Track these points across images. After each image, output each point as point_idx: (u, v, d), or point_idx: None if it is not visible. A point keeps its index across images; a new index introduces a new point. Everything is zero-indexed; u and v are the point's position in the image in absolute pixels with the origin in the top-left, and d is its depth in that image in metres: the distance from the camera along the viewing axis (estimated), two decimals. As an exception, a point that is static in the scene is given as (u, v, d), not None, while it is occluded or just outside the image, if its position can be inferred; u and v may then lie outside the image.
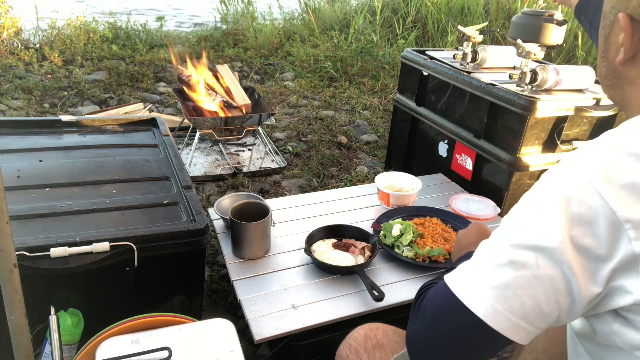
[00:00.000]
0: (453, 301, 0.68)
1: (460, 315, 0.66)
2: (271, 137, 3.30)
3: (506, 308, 0.64)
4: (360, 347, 1.00)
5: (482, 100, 2.05)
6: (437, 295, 0.72)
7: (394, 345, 0.98)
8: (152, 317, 1.08)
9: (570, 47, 4.40)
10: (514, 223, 0.66)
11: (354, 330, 1.06)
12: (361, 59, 4.75)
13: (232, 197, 1.84)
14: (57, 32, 4.85)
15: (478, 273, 0.67)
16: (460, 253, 1.06)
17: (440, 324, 0.70)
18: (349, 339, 1.04)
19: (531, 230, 0.63)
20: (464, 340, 0.69)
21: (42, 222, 1.34)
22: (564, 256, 0.60)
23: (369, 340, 1.01)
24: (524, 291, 0.63)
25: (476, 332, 0.66)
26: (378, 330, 1.02)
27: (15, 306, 0.89)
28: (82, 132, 1.94)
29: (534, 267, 0.62)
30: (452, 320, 0.68)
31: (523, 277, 0.62)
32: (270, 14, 6.11)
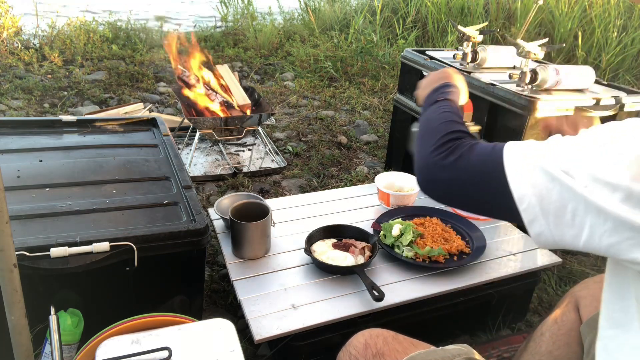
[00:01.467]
0: (498, 171, 0.70)
1: (498, 185, 0.70)
2: (271, 137, 3.30)
3: (539, 202, 0.66)
4: (360, 356, 1.00)
5: (482, 100, 2.05)
6: (488, 153, 0.74)
7: (394, 354, 0.97)
8: (152, 317, 1.08)
9: (570, 47, 4.40)
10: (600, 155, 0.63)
11: (354, 337, 1.05)
12: (361, 59, 4.75)
13: (232, 197, 1.84)
14: (57, 32, 4.85)
15: (536, 163, 0.67)
16: (425, 91, 1.09)
17: (476, 177, 0.74)
18: (348, 347, 1.03)
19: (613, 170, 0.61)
20: (485, 202, 0.75)
21: (42, 222, 1.34)
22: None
23: (369, 348, 1.00)
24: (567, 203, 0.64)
25: (501, 205, 0.70)
26: (378, 338, 1.01)
27: (15, 306, 0.89)
28: (82, 132, 1.94)
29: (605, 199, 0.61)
30: (486, 182, 0.73)
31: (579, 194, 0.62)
32: (270, 14, 6.11)
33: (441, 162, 0.81)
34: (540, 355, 1.10)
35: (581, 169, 0.63)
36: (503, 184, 0.70)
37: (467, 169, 0.77)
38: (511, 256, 1.70)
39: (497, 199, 0.72)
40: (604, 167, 0.61)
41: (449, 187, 0.80)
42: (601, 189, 0.60)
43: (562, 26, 4.40)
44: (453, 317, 1.65)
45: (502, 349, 1.68)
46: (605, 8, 4.32)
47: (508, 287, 1.66)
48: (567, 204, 0.64)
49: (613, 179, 0.60)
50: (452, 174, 0.79)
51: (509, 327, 1.80)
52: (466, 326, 1.74)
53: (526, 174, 0.68)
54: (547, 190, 0.65)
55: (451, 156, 0.80)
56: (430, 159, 0.83)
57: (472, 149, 0.79)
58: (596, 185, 0.61)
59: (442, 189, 0.82)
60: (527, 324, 1.84)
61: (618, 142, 0.61)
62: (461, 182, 0.78)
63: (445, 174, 0.80)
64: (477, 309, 1.69)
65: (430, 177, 0.84)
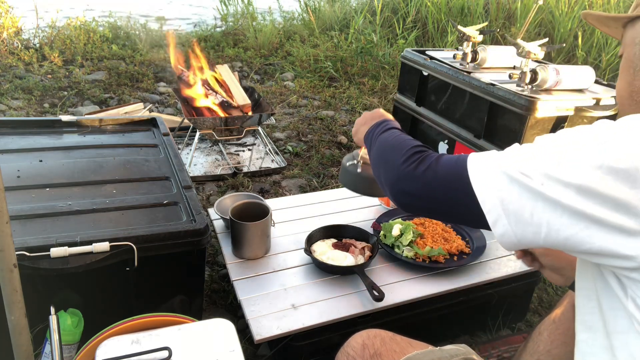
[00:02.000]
0: (464, 178, 0.75)
1: (464, 192, 0.75)
2: (271, 137, 3.30)
3: (500, 203, 0.70)
4: (357, 357, 1.00)
5: (482, 100, 2.05)
6: (454, 162, 0.79)
7: (391, 354, 0.98)
8: (152, 317, 1.08)
9: (570, 47, 4.40)
10: (555, 155, 0.68)
11: (352, 338, 1.05)
12: (361, 59, 4.75)
13: (232, 197, 1.84)
14: (57, 32, 4.85)
15: (498, 166, 0.72)
16: (365, 128, 1.15)
17: (444, 185, 0.80)
18: (346, 348, 1.04)
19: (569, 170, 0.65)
20: (453, 208, 0.80)
21: (42, 222, 1.34)
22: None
23: (366, 349, 1.00)
24: (528, 203, 0.68)
25: (468, 210, 0.75)
26: (376, 338, 1.02)
27: (15, 306, 0.89)
28: (82, 132, 1.94)
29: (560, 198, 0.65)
30: (454, 189, 0.78)
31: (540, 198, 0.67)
32: (270, 14, 6.10)
33: (412, 173, 0.84)
34: (538, 354, 1.10)
35: (537, 170, 0.67)
36: (468, 190, 0.74)
37: (436, 178, 0.81)
38: (511, 256, 1.70)
39: (464, 205, 0.76)
40: (557, 166, 0.66)
41: (420, 196, 0.84)
42: (555, 185, 0.65)
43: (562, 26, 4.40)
44: (453, 317, 1.65)
45: (502, 349, 1.68)
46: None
47: (508, 287, 1.66)
48: (525, 203, 0.68)
49: (565, 176, 0.65)
50: (423, 184, 0.83)
51: (509, 327, 1.80)
52: (466, 326, 1.74)
53: (488, 178, 0.73)
54: (508, 191, 0.70)
55: (420, 166, 0.84)
56: (401, 171, 0.86)
57: (438, 160, 0.83)
58: (551, 183, 0.66)
59: (414, 199, 0.85)
60: (527, 324, 1.84)
61: (571, 147, 0.67)
62: (431, 191, 0.82)
63: (416, 184, 0.84)
64: (477, 309, 1.69)
65: (402, 189, 0.87)
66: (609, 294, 0.70)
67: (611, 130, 0.65)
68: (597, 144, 0.64)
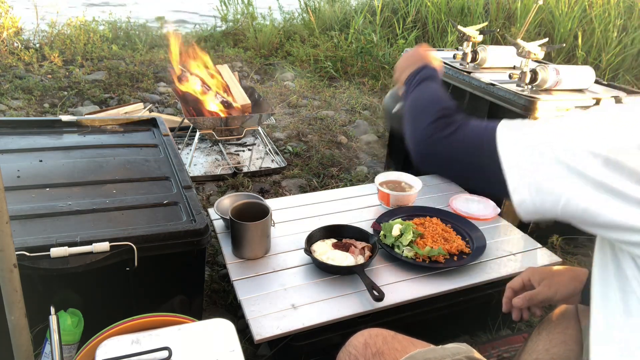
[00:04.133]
0: (491, 144, 0.76)
1: (490, 157, 0.76)
2: (271, 137, 3.30)
3: (523, 172, 0.72)
4: (360, 355, 1.00)
5: (482, 100, 2.05)
6: (483, 128, 0.80)
7: (393, 353, 0.98)
8: (152, 317, 1.08)
9: (570, 47, 4.40)
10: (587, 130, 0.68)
11: (353, 337, 1.05)
12: (361, 59, 4.75)
13: (232, 197, 1.84)
14: (57, 32, 4.85)
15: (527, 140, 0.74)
16: (405, 73, 1.14)
17: (470, 149, 0.81)
18: (348, 347, 1.04)
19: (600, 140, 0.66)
20: (477, 172, 0.82)
21: (42, 222, 1.34)
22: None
23: (368, 348, 1.00)
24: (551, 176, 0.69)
25: (490, 175, 0.77)
26: (378, 337, 1.02)
27: (15, 306, 0.89)
28: (82, 132, 1.94)
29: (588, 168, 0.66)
30: (479, 154, 0.79)
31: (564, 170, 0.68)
32: (270, 14, 6.10)
33: (438, 135, 0.86)
34: (537, 353, 1.10)
35: (565, 141, 0.69)
36: (494, 157, 0.75)
37: (463, 141, 0.83)
38: (511, 256, 1.70)
39: (487, 170, 0.77)
40: (586, 138, 0.67)
41: (445, 159, 0.87)
42: (582, 157, 0.66)
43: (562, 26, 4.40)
44: (453, 317, 1.65)
45: (502, 349, 1.68)
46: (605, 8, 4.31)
47: (508, 287, 1.66)
48: (549, 173, 0.69)
49: (594, 148, 0.66)
50: (449, 146, 0.85)
51: (509, 327, 1.80)
52: (466, 326, 1.73)
53: (514, 146, 0.74)
54: (533, 161, 0.71)
55: (447, 129, 0.85)
56: (428, 132, 0.88)
57: (466, 124, 0.85)
58: (578, 153, 0.67)
59: (439, 161, 0.88)
60: (527, 324, 1.84)
61: (602, 121, 0.69)
62: (456, 154, 0.84)
63: (441, 146, 0.86)
64: (477, 309, 1.69)
65: (427, 151, 0.89)
66: (622, 277, 0.71)
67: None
68: (628, 121, 0.66)
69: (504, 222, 1.92)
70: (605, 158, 0.65)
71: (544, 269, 1.11)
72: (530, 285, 1.11)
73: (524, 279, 1.12)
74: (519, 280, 1.13)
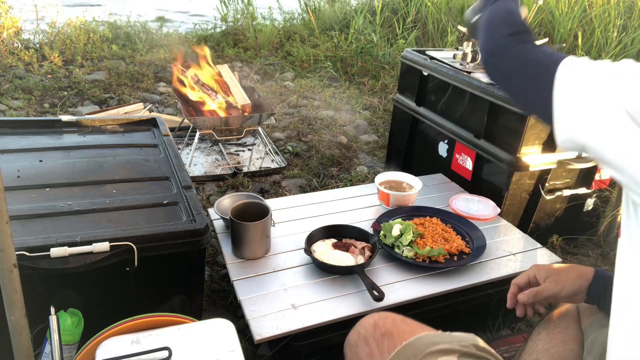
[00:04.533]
0: (552, 67, 0.84)
1: (547, 79, 0.84)
2: (271, 137, 3.30)
3: (572, 100, 0.80)
4: (369, 335, 1.02)
5: (482, 100, 2.05)
6: (550, 53, 0.88)
7: (402, 334, 1.00)
8: (152, 317, 1.08)
9: (570, 47, 4.40)
10: None
11: (363, 318, 1.07)
12: (361, 59, 4.75)
13: (232, 197, 1.84)
14: (57, 32, 4.85)
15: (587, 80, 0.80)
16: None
17: (532, 66, 0.90)
18: (358, 327, 1.06)
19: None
20: (529, 89, 0.92)
21: (42, 222, 1.34)
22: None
23: (377, 328, 1.02)
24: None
25: (540, 95, 0.86)
26: (387, 319, 1.04)
27: (15, 306, 0.89)
28: (82, 132, 1.94)
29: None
30: (539, 74, 0.88)
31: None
32: (270, 14, 6.11)
33: (512, 46, 0.96)
34: (537, 353, 1.10)
35: (619, 78, 0.74)
36: (550, 79, 0.84)
37: (530, 57, 0.92)
38: (511, 256, 1.70)
39: (538, 92, 0.87)
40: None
41: (509, 67, 0.97)
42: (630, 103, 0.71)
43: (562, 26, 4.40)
44: (453, 317, 1.65)
45: (502, 349, 1.68)
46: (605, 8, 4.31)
47: (508, 287, 1.65)
48: (599, 103, 0.75)
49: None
50: (517, 58, 0.95)
51: (509, 327, 1.80)
52: (466, 326, 1.72)
53: (572, 81, 0.82)
54: (583, 95, 0.78)
55: (521, 45, 0.95)
56: (503, 43, 0.99)
57: (537, 46, 0.94)
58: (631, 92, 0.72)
59: (503, 68, 0.99)
60: (527, 324, 1.84)
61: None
62: (520, 66, 0.94)
63: (510, 56, 0.96)
64: (477, 309, 1.69)
65: (497, 55, 1.00)
66: None
67: None
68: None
69: (504, 222, 1.92)
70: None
71: (549, 266, 1.11)
72: (535, 282, 1.11)
73: (530, 275, 1.12)
74: (525, 277, 1.13)
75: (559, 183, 2.10)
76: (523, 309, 1.13)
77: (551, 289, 1.07)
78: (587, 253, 2.24)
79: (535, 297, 1.08)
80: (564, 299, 1.08)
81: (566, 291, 1.06)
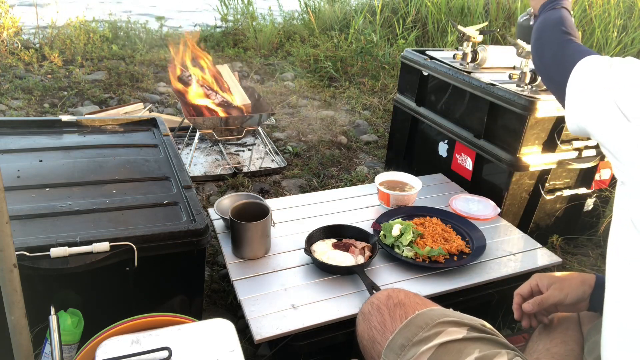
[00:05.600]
0: (567, 68, 1.03)
1: (567, 74, 1.02)
2: (271, 137, 3.30)
3: (582, 96, 0.96)
4: (382, 305, 1.07)
5: (482, 100, 2.05)
6: (576, 52, 1.07)
7: (414, 305, 1.04)
8: (152, 317, 1.08)
9: (570, 47, 4.40)
10: None
11: (378, 292, 1.14)
12: (361, 59, 4.74)
13: (232, 197, 1.84)
14: (57, 32, 4.85)
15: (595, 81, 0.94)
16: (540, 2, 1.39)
17: (558, 62, 1.11)
18: (372, 298, 1.12)
19: None
20: (554, 76, 1.14)
21: (42, 222, 1.34)
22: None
23: (390, 299, 1.07)
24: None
25: (561, 85, 1.05)
26: (400, 292, 1.09)
27: (15, 306, 0.89)
28: (82, 132, 1.94)
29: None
30: (563, 69, 1.05)
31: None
32: (270, 14, 6.11)
33: (560, 35, 1.20)
34: (537, 353, 1.10)
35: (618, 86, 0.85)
36: (569, 72, 1.01)
37: (558, 56, 1.13)
38: (511, 256, 1.70)
39: (562, 79, 1.04)
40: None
41: (548, 63, 1.19)
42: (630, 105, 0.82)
43: (562, 26, 4.39)
44: (453, 317, 1.65)
45: (502, 349, 1.68)
46: (605, 8, 4.31)
47: (508, 287, 1.66)
48: (597, 97, 0.88)
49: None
50: (553, 54, 1.17)
51: (509, 327, 1.80)
52: (466, 326, 1.73)
53: (581, 73, 0.98)
54: (586, 87, 0.94)
55: (567, 37, 1.18)
56: (557, 34, 1.21)
57: (579, 44, 1.14)
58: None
59: (543, 61, 1.22)
60: (527, 324, 1.84)
61: None
62: (550, 62, 1.17)
63: (550, 51, 1.19)
64: (477, 309, 1.69)
65: (541, 50, 1.24)
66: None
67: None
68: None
69: (504, 222, 1.92)
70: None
71: (550, 274, 1.11)
72: (538, 291, 1.10)
73: (532, 285, 1.11)
74: (527, 287, 1.12)
75: (559, 183, 2.10)
76: (529, 320, 1.12)
77: (556, 295, 1.06)
78: (587, 253, 2.24)
79: (540, 305, 1.07)
80: (568, 307, 1.07)
81: (570, 298, 1.05)
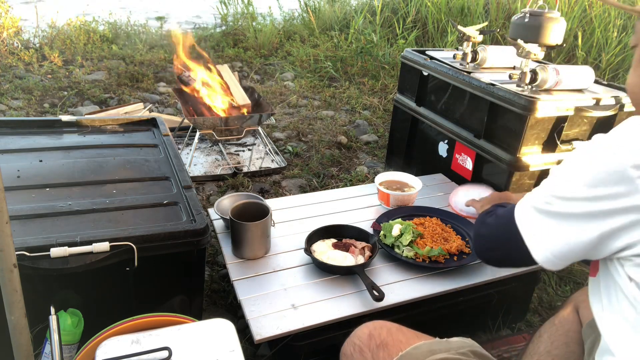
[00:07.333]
0: (511, 226, 0.87)
1: (514, 235, 0.86)
2: (271, 137, 3.30)
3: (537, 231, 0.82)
4: (364, 346, 1.01)
5: (482, 100, 2.05)
6: (506, 212, 0.92)
7: (397, 344, 0.99)
8: (152, 317, 1.08)
9: (570, 47, 4.40)
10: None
11: (358, 328, 1.07)
12: (361, 59, 4.75)
13: (232, 197, 1.84)
14: (57, 32, 4.85)
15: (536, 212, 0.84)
16: (483, 208, 1.28)
17: (499, 233, 0.93)
18: (353, 337, 1.05)
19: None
20: (508, 247, 0.91)
21: (42, 222, 1.34)
22: None
23: (373, 339, 1.01)
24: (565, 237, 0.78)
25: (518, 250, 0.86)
26: (382, 329, 1.03)
27: (15, 306, 0.89)
28: (82, 132, 1.94)
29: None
30: (508, 236, 0.89)
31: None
32: (270, 14, 6.11)
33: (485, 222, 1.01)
34: (539, 355, 1.10)
35: (551, 193, 0.79)
36: (518, 234, 0.86)
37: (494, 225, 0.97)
38: (511, 256, 1.70)
39: (515, 247, 0.87)
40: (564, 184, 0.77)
41: (488, 239, 1.00)
42: (564, 202, 0.76)
43: (562, 26, 4.40)
44: (453, 317, 1.65)
45: (502, 349, 1.68)
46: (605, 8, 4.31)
47: (508, 287, 1.66)
48: (551, 225, 0.79)
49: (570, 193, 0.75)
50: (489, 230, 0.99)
51: (509, 327, 1.80)
52: (466, 326, 1.73)
53: (526, 215, 0.85)
54: (539, 221, 0.82)
55: (491, 216, 1.01)
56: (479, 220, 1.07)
57: (498, 211, 1.00)
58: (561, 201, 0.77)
59: (485, 242, 1.01)
60: (527, 324, 1.84)
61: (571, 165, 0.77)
62: (493, 234, 0.97)
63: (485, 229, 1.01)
64: (477, 309, 1.69)
65: (479, 233, 1.04)
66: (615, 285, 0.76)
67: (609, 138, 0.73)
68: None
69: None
70: (584, 197, 0.73)
71: None
72: None
73: None
74: None
75: (559, 183, 2.09)
76: None
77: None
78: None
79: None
80: None
81: None
